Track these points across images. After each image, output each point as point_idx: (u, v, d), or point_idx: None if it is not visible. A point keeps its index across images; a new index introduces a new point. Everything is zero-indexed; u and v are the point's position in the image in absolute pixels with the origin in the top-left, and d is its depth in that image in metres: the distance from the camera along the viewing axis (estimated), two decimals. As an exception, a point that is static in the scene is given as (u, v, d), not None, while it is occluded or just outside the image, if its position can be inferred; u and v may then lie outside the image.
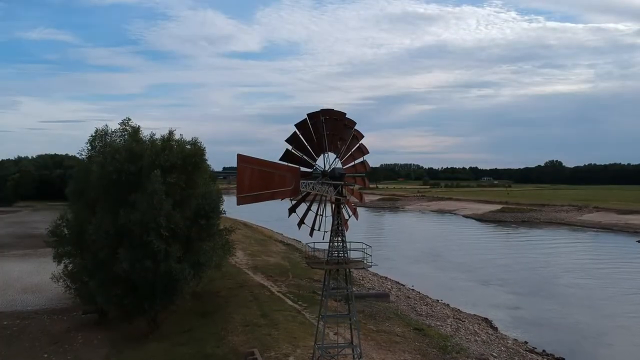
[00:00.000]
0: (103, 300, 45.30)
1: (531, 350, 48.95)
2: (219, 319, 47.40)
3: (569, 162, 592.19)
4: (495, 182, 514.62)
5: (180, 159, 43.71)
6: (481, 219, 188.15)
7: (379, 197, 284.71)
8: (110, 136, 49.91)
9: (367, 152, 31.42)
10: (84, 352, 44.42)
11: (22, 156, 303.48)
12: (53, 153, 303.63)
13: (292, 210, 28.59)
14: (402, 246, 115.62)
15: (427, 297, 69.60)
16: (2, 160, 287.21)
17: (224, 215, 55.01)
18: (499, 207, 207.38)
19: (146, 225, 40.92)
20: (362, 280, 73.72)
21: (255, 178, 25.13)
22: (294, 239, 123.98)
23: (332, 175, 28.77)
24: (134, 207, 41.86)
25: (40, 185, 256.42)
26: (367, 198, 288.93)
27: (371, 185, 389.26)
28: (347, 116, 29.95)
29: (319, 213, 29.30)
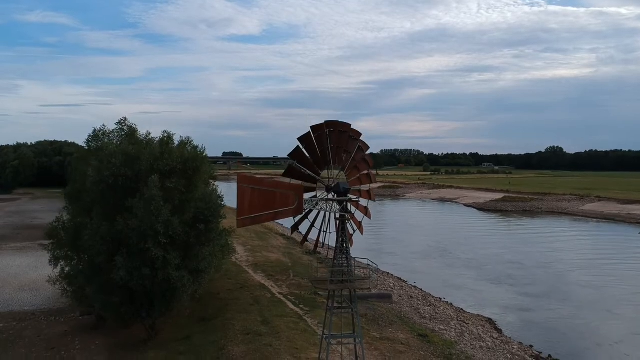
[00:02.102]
0: (100, 307, 44.24)
1: (537, 356, 48.06)
2: (218, 325, 46.40)
3: (570, 148, 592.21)
4: (496, 168, 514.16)
5: (180, 164, 42.40)
6: (482, 208, 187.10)
7: (379, 184, 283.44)
8: (108, 136, 48.62)
9: (372, 164, 30.25)
10: (81, 359, 43.41)
11: (21, 142, 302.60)
12: (52, 139, 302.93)
13: (294, 228, 27.38)
14: (403, 238, 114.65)
15: (430, 295, 68.74)
16: (1, 146, 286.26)
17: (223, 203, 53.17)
18: (500, 196, 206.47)
19: (144, 233, 39.72)
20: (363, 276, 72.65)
21: (256, 198, 23.91)
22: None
23: (337, 191, 27.51)
24: (132, 213, 40.63)
25: (39, 172, 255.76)
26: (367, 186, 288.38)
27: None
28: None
29: (322, 229, 28.14)
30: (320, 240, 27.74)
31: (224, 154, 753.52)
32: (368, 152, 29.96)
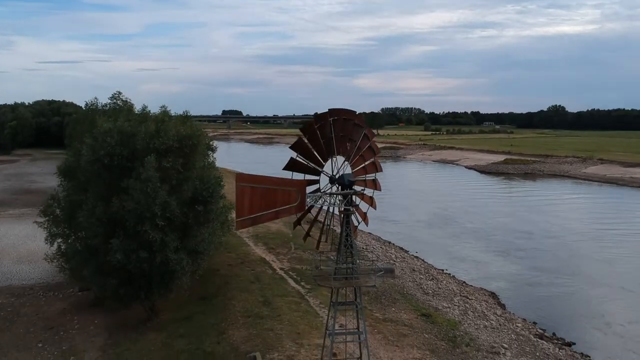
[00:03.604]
0: (98, 289, 43.39)
1: (541, 335, 47.49)
2: (219, 305, 45.68)
3: (572, 107, 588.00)
4: (497, 127, 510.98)
5: (176, 141, 40.80)
6: (484, 170, 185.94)
7: (380, 145, 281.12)
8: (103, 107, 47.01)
9: (379, 152, 28.80)
10: (79, 340, 42.79)
11: (19, 101, 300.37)
12: (50, 99, 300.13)
13: (297, 223, 26.09)
14: (406, 204, 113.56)
15: (432, 267, 68.11)
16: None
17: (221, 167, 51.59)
18: (501, 158, 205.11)
19: (140, 215, 38.49)
20: (366, 248, 72.04)
21: (256, 198, 22.57)
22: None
23: (341, 183, 26.13)
24: (128, 194, 39.31)
25: (37, 132, 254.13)
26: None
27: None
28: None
29: (326, 223, 26.89)
30: (323, 238, 26.56)
31: (224, 112, 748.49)
32: (373, 139, 28.44)
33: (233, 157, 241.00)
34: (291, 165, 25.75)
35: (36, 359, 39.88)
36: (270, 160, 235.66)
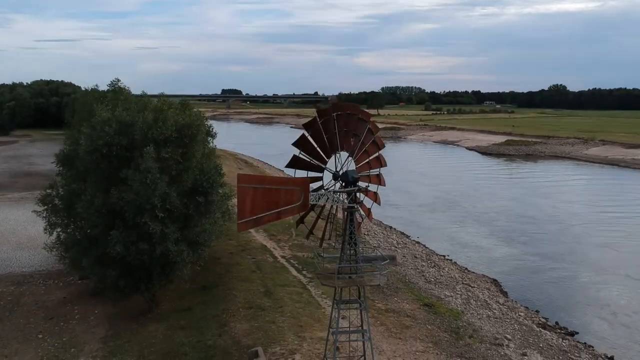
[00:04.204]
0: (97, 280, 42.98)
1: (544, 324, 47.22)
2: (220, 296, 45.32)
3: (574, 86, 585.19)
4: (498, 106, 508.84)
5: (175, 131, 40.05)
6: (485, 152, 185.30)
7: (380, 126, 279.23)
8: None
9: (383, 146, 28.13)
10: (80, 331, 42.51)
11: (17, 81, 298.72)
12: (49, 79, 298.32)
13: (299, 222, 25.50)
14: (407, 187, 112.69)
15: (434, 253, 67.82)
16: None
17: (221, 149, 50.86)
18: (503, 139, 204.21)
19: (140, 206, 37.93)
20: (367, 234, 71.62)
21: (258, 199, 21.92)
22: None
23: (345, 180, 25.49)
24: (127, 185, 38.70)
25: (36, 113, 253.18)
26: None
27: (372, 112, 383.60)
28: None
29: (329, 220, 26.32)
30: (327, 235, 26.01)
31: (223, 91, 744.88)
32: (377, 133, 27.74)
33: (233, 137, 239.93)
34: (294, 163, 25.07)
35: (36, 350, 39.55)
36: (270, 141, 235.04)
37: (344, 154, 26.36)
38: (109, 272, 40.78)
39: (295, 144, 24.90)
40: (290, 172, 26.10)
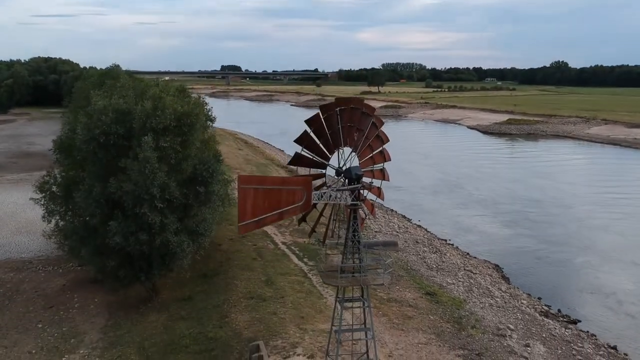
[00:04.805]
0: (96, 270, 42.54)
1: (546, 312, 46.95)
2: (220, 285, 44.96)
3: (575, 63, 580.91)
4: (499, 83, 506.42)
5: (174, 120, 39.25)
6: (486, 131, 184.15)
7: (381, 104, 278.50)
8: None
9: (388, 140, 27.36)
10: (79, 321, 42.22)
11: (14, 58, 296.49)
12: (46, 55, 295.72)
13: (301, 220, 24.90)
14: (409, 169, 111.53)
15: (436, 237, 67.45)
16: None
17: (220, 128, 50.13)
18: (504, 117, 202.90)
19: (139, 197, 37.32)
20: (369, 218, 71.06)
21: (259, 200, 21.28)
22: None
23: (348, 176, 24.82)
24: (125, 174, 38.05)
25: (35, 91, 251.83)
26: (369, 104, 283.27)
27: (373, 90, 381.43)
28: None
29: (332, 217, 25.73)
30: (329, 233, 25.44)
31: (222, 67, 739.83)
32: (380, 124, 26.91)
33: (233, 116, 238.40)
34: (296, 160, 24.38)
35: (36, 341, 39.27)
36: (270, 119, 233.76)
37: (347, 150, 25.64)
38: (108, 262, 40.39)
39: (297, 141, 24.17)
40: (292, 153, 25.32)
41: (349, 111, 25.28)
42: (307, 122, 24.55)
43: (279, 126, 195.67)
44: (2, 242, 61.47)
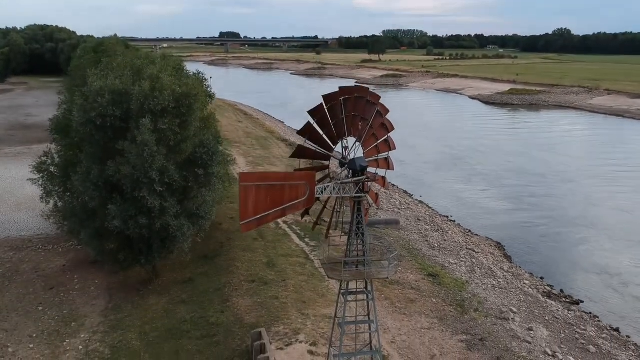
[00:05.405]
0: (96, 253, 42.11)
1: (549, 292, 46.82)
2: (221, 267, 44.61)
3: (578, 30, 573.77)
4: (501, 51, 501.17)
5: (172, 101, 38.28)
6: (488, 101, 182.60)
7: (382, 72, 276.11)
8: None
9: (393, 129, 26.53)
10: (80, 303, 41.96)
11: (10, 26, 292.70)
12: (43, 23, 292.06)
13: (304, 213, 24.27)
14: (411, 142, 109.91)
15: (437, 214, 67.08)
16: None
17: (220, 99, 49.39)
18: (506, 87, 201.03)
19: (138, 180, 36.64)
20: (374, 208, 70.48)
21: (261, 197, 20.61)
22: (296, 130, 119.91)
23: (352, 168, 24.10)
24: (124, 157, 37.32)
25: (31, 59, 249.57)
26: (370, 74, 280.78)
27: (374, 58, 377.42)
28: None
29: (336, 209, 25.11)
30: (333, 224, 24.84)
31: (221, 34, 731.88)
32: (386, 112, 26.06)
33: (232, 85, 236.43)
34: (299, 153, 23.63)
35: (37, 324, 39.02)
36: (270, 89, 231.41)
37: (351, 140, 24.86)
38: (107, 245, 39.93)
39: (300, 132, 23.38)
40: (292, 125, 24.65)
41: (352, 100, 24.45)
42: (311, 112, 23.72)
43: (279, 96, 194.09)
44: (2, 220, 61.05)
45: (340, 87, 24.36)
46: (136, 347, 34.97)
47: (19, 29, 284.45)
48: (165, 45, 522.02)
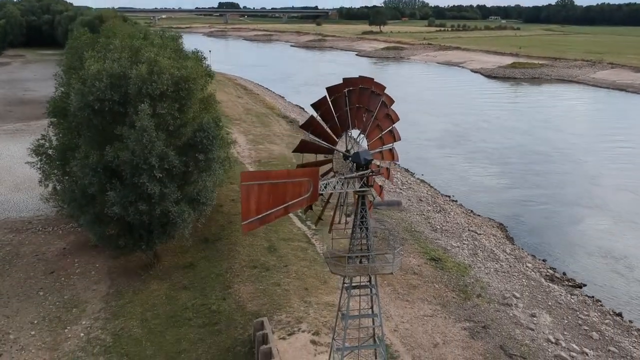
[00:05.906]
0: (96, 238, 41.70)
1: (551, 276, 46.65)
2: (222, 251, 44.32)
3: (581, 0, 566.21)
4: (503, 22, 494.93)
5: (171, 85, 37.47)
6: (490, 75, 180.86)
7: (383, 45, 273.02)
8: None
9: (398, 119, 25.89)
10: (81, 288, 41.67)
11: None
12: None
13: (307, 209, 23.74)
14: (413, 119, 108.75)
15: (439, 194, 66.62)
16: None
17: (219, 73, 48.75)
18: (509, 60, 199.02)
19: (137, 166, 36.05)
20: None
21: (264, 196, 20.08)
22: (297, 106, 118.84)
23: (356, 161, 23.51)
24: (122, 143, 36.67)
25: (28, 31, 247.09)
26: (371, 46, 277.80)
27: (375, 29, 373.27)
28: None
29: (339, 203, 24.58)
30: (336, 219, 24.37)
31: (220, 4, 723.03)
32: (390, 103, 25.39)
33: (231, 58, 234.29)
34: (302, 147, 23.03)
35: (37, 310, 38.77)
36: (270, 62, 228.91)
37: (355, 132, 24.25)
38: (107, 230, 39.54)
39: (303, 126, 22.77)
40: (293, 100, 24.01)
41: (357, 92, 23.77)
42: (314, 105, 23.06)
43: (279, 70, 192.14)
44: (1, 200, 60.57)
45: (344, 79, 23.67)
46: (138, 335, 34.79)
47: (14, 0, 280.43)
48: (163, 17, 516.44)
